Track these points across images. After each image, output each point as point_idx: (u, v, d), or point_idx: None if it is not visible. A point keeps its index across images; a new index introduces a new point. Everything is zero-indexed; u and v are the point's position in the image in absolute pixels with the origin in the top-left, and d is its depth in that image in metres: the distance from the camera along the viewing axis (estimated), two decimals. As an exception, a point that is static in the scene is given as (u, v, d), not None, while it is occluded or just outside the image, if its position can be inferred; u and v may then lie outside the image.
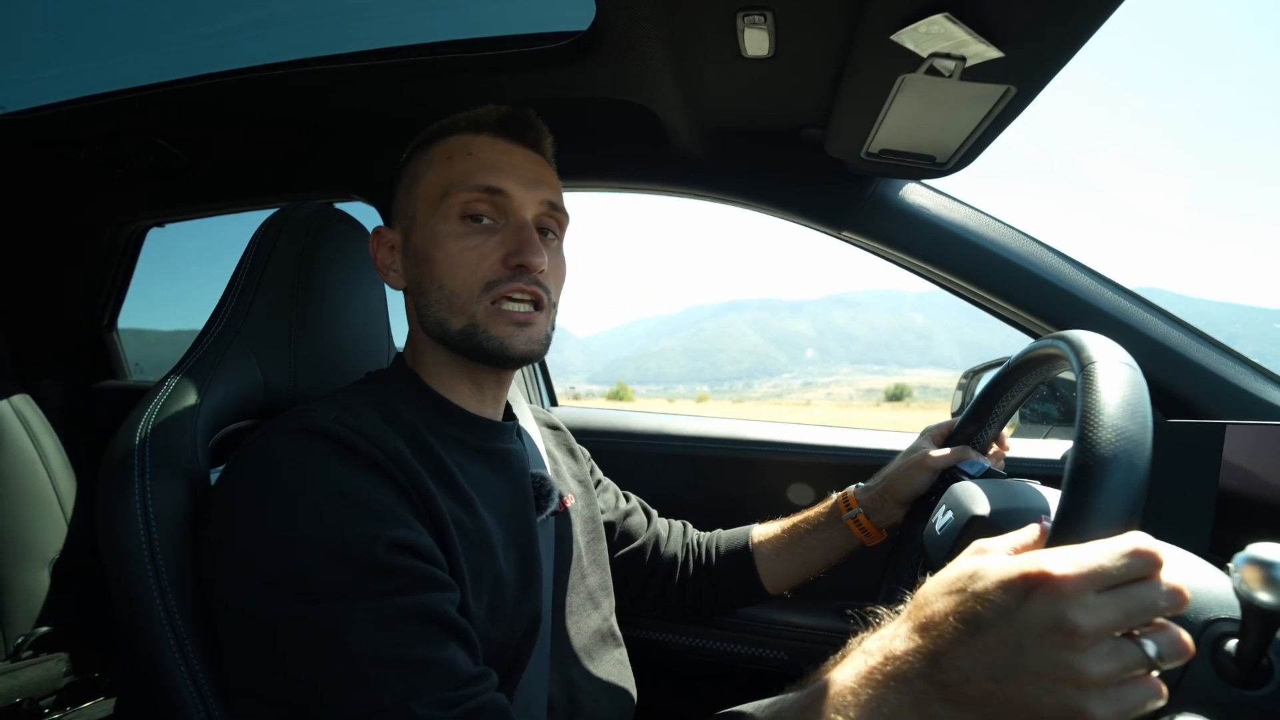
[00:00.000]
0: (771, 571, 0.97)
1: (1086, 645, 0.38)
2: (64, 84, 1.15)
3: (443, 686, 0.51)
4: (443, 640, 0.54)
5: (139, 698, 0.66)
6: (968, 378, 1.46)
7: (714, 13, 0.80)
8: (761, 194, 1.17)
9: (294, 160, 1.37)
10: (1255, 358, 0.99)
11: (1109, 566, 0.39)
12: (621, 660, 0.86)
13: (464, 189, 0.69)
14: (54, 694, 1.33)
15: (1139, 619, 0.39)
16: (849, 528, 0.91)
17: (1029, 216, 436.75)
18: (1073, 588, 0.39)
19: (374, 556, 0.53)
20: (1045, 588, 0.39)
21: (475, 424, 0.74)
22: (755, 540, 0.99)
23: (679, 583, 0.99)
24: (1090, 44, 0.71)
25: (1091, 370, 0.51)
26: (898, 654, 0.43)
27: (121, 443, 0.61)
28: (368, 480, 0.57)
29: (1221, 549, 0.52)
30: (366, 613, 0.51)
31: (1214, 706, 0.45)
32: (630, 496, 1.05)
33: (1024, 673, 0.39)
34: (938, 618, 0.42)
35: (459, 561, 0.60)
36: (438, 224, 0.70)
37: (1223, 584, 0.50)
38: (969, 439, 0.86)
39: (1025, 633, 0.39)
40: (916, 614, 0.44)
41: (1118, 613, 0.39)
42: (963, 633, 0.41)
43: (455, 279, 0.69)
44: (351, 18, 1.02)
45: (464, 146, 0.71)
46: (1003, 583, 0.41)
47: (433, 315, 0.70)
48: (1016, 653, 0.39)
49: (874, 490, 0.91)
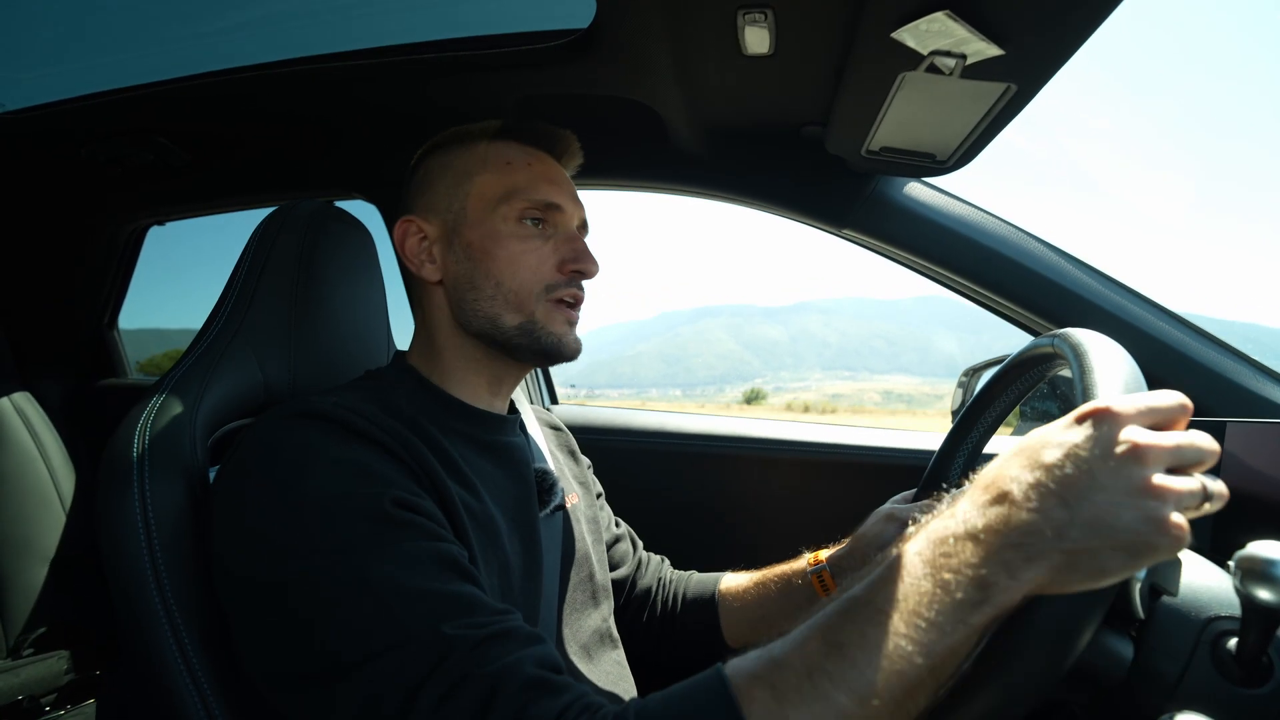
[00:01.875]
0: (733, 624, 0.93)
1: (1152, 460, 0.40)
2: (64, 82, 1.15)
3: (471, 613, 0.50)
4: (461, 581, 0.53)
5: (138, 696, 0.66)
6: (968, 376, 1.46)
7: (714, 10, 0.79)
8: (762, 192, 1.17)
9: (295, 158, 1.36)
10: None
11: (1160, 404, 0.43)
12: (620, 661, 0.85)
13: (528, 198, 0.72)
14: (54, 692, 1.33)
15: (1190, 455, 0.41)
16: (813, 584, 0.88)
17: (1029, 216, 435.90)
18: (1130, 417, 0.41)
19: (383, 510, 0.53)
20: (1105, 416, 0.42)
21: (478, 417, 0.74)
22: (722, 590, 0.95)
23: (645, 621, 0.97)
24: (1091, 42, 0.71)
25: (1089, 369, 0.51)
26: (965, 512, 0.43)
27: (121, 441, 0.62)
28: (369, 453, 0.58)
29: (1222, 548, 0.52)
30: (383, 557, 0.51)
31: (1214, 705, 0.45)
32: (621, 523, 1.03)
33: (1098, 492, 0.40)
34: (1002, 473, 0.44)
35: (468, 537, 0.60)
36: (498, 224, 0.72)
37: (1223, 582, 0.50)
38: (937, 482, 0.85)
39: (1093, 457, 0.40)
40: (979, 481, 0.45)
41: (1172, 442, 0.41)
42: (1030, 474, 0.42)
43: (516, 278, 0.71)
44: (352, 16, 1.02)
45: (523, 157, 0.75)
46: (1064, 424, 0.43)
47: (484, 310, 0.72)
48: (1088, 476, 0.40)
49: (844, 549, 0.88)
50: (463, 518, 0.61)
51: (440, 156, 0.77)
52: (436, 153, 0.77)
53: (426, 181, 0.76)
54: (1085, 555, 0.39)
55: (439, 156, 0.77)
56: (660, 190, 1.27)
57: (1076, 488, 0.40)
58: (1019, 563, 0.40)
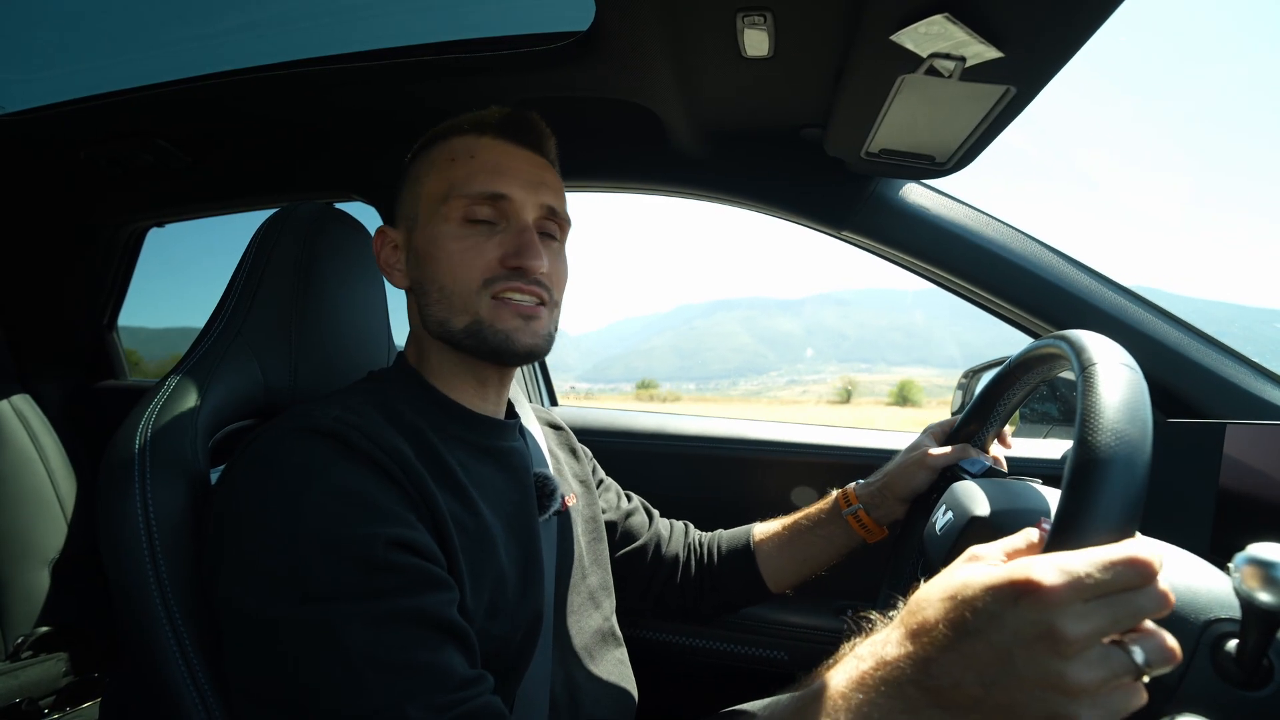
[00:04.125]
0: (773, 570, 0.97)
1: (1073, 652, 0.38)
2: (64, 84, 1.15)
3: (438, 690, 0.51)
4: (439, 643, 0.54)
5: (139, 697, 0.66)
6: (968, 377, 1.46)
7: (714, 13, 0.80)
8: (761, 194, 1.17)
9: (294, 160, 1.37)
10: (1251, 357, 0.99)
11: (1098, 576, 0.39)
12: (622, 660, 0.86)
13: (465, 193, 0.70)
14: (54, 694, 1.33)
15: (1126, 624, 0.39)
16: (849, 524, 0.91)
17: (1029, 216, 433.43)
18: (1060, 597, 0.38)
19: (373, 554, 0.53)
20: (1033, 596, 0.39)
21: (477, 422, 0.74)
22: (757, 538, 0.99)
23: (680, 583, 0.99)
24: (1091, 43, 0.71)
25: (1091, 370, 0.51)
26: (890, 659, 0.43)
27: (122, 443, 0.62)
28: (368, 479, 0.57)
29: (1221, 549, 0.52)
30: (365, 615, 0.51)
31: (1214, 707, 0.45)
32: (632, 496, 1.05)
33: (1013, 680, 0.39)
34: (929, 624, 0.42)
35: (458, 560, 0.61)
36: (439, 225, 0.70)
37: (1223, 584, 0.49)
38: (970, 437, 0.86)
39: (1014, 640, 0.39)
40: (909, 620, 0.44)
41: (1104, 619, 0.38)
42: (953, 639, 0.41)
43: (455, 279, 0.69)
44: (352, 18, 1.02)
45: (466, 149, 0.72)
46: (992, 590, 0.41)
47: (434, 315, 0.71)
48: (1006, 660, 0.39)
49: (874, 486, 0.90)
50: (454, 539, 0.61)
51: (410, 164, 0.77)
52: (411, 161, 0.77)
53: (402, 189, 0.77)
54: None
55: (410, 165, 0.77)
56: (659, 193, 1.27)
57: (991, 668, 0.39)
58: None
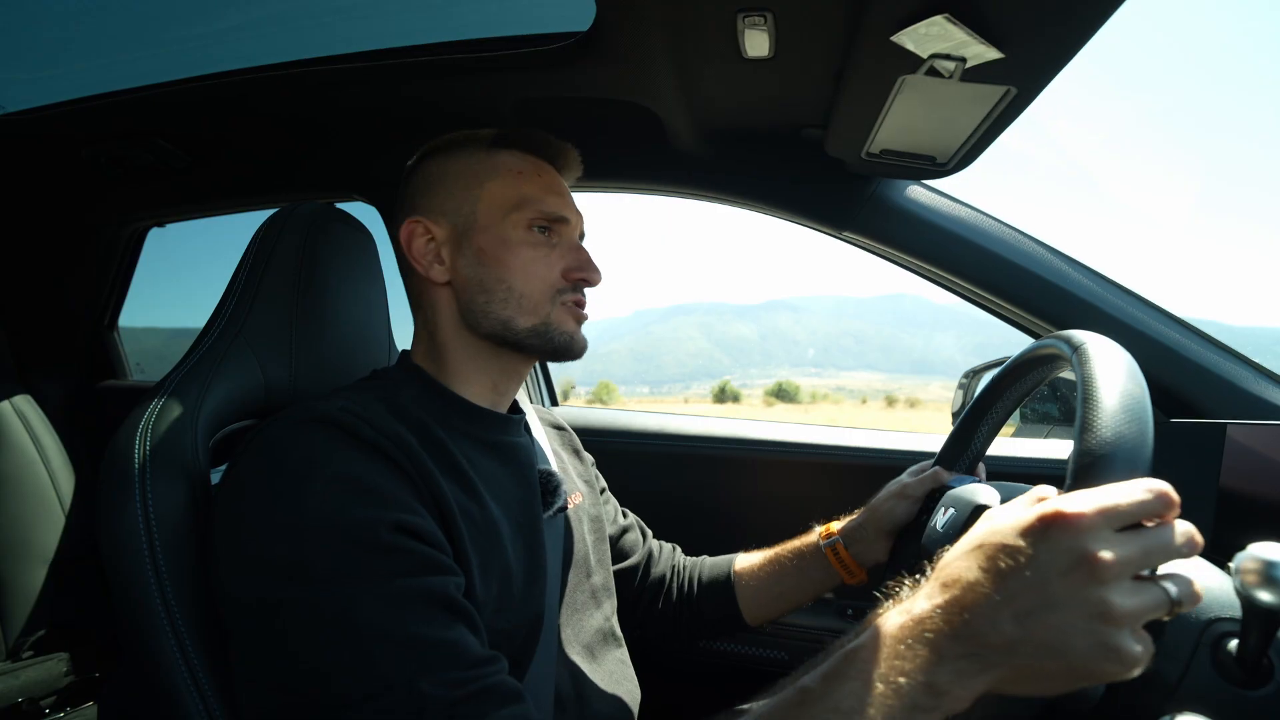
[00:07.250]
0: (750, 603, 0.96)
1: (1111, 577, 0.38)
2: (64, 84, 1.15)
3: (453, 666, 0.51)
4: (449, 622, 0.54)
5: (139, 697, 0.66)
6: (968, 377, 1.46)
7: (714, 14, 0.80)
8: (762, 194, 1.17)
9: (294, 160, 1.37)
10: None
11: (1124, 504, 0.40)
12: (623, 659, 0.86)
13: (537, 209, 0.74)
14: (54, 694, 1.33)
15: (1158, 558, 0.39)
16: (829, 560, 0.90)
17: (1029, 216, 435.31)
18: (1090, 522, 0.39)
19: (377, 538, 0.53)
20: (1064, 524, 0.39)
21: (482, 417, 0.74)
22: (737, 569, 0.98)
23: (662, 608, 0.98)
24: (1091, 44, 0.71)
25: (1091, 371, 0.51)
26: (922, 613, 0.43)
27: (122, 443, 0.61)
28: (372, 466, 0.58)
29: (1222, 549, 0.52)
30: (372, 593, 0.51)
31: (1214, 706, 0.45)
32: (629, 514, 1.05)
33: (1054, 613, 0.38)
34: (959, 574, 0.42)
35: (465, 548, 0.61)
36: (509, 230, 0.73)
37: (1224, 583, 0.50)
38: (950, 467, 0.87)
39: (1048, 572, 0.39)
40: (938, 575, 0.44)
41: (1136, 549, 0.39)
42: (986, 582, 0.41)
43: (528, 283, 0.73)
44: (352, 18, 1.02)
45: (532, 167, 0.77)
46: (1021, 528, 0.41)
47: (496, 313, 0.73)
48: (1043, 592, 0.39)
49: (855, 521, 0.90)
50: (461, 528, 0.61)
51: (443, 160, 0.77)
52: (438, 156, 0.77)
53: (429, 184, 0.76)
54: (1035, 672, 0.40)
55: (441, 160, 0.77)
56: (659, 193, 1.27)
57: (1029, 604, 0.39)
58: (971, 672, 0.40)
